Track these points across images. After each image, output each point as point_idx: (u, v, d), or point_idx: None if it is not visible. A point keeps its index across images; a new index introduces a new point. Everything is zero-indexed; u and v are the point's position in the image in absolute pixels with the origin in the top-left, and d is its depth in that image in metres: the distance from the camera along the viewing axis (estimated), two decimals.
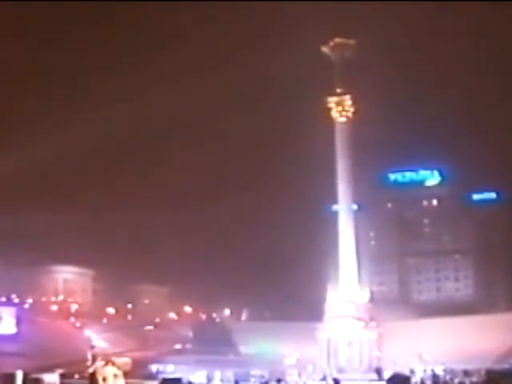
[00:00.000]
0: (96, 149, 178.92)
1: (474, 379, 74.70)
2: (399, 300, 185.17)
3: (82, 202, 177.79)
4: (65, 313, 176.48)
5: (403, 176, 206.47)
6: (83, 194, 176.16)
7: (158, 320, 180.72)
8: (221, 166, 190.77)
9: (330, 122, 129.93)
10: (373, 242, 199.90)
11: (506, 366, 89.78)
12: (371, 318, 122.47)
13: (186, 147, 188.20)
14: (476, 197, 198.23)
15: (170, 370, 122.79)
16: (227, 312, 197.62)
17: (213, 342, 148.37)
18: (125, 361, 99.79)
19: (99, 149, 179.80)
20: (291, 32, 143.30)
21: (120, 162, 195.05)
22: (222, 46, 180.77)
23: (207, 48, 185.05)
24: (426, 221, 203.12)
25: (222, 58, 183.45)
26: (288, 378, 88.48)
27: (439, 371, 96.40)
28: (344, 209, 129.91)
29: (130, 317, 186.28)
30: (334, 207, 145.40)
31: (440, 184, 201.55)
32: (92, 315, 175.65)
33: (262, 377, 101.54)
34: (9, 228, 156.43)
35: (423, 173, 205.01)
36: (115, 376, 10.78)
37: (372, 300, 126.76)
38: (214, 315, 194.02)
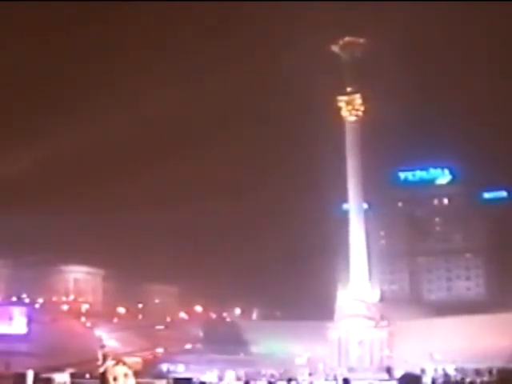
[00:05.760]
0: (106, 149, 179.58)
1: (486, 378, 74.53)
2: (410, 299, 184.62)
3: (93, 202, 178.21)
4: (75, 312, 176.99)
5: (414, 175, 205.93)
6: (93, 194, 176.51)
7: (168, 320, 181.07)
8: (232, 167, 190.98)
9: (340, 121, 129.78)
10: (383, 241, 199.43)
11: None
12: (382, 317, 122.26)
13: (197, 148, 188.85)
14: (487, 195, 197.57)
15: (180, 370, 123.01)
16: (238, 311, 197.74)
17: (223, 342, 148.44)
18: (135, 360, 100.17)
19: (110, 149, 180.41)
20: (301, 31, 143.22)
21: (130, 162, 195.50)
22: (232, 45, 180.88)
23: (217, 48, 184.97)
24: (436, 220, 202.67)
25: (232, 57, 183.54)
26: (299, 378, 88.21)
27: (450, 370, 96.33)
28: (354, 208, 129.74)
29: (140, 316, 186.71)
30: (345, 206, 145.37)
31: (451, 183, 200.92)
32: (102, 315, 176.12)
33: (273, 376, 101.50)
34: (20, 228, 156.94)
35: (434, 171, 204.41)
36: (126, 375, 10.67)
37: (383, 299, 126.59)
38: (225, 314, 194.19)
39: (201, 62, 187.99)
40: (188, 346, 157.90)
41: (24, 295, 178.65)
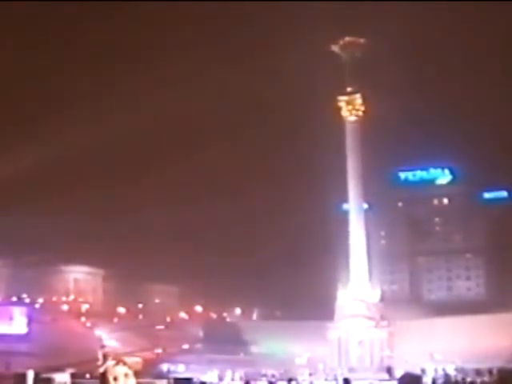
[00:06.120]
0: (106, 151, 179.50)
1: (486, 378, 74.40)
2: (410, 299, 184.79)
3: (93, 203, 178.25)
4: (75, 312, 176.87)
5: (414, 175, 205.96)
6: (94, 195, 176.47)
7: (168, 320, 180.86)
8: (232, 167, 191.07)
9: (341, 121, 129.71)
10: (383, 241, 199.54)
11: None
12: (382, 317, 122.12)
13: (198, 148, 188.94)
14: (487, 195, 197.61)
15: (181, 370, 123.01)
16: (238, 311, 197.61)
17: (224, 342, 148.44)
18: (136, 360, 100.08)
19: (110, 151, 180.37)
20: (301, 31, 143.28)
21: (130, 163, 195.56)
22: (232, 45, 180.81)
23: (217, 48, 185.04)
24: (436, 220, 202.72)
25: (232, 57, 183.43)
26: (299, 378, 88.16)
27: (450, 370, 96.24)
28: (355, 208, 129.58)
29: (140, 316, 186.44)
30: (345, 206, 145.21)
31: (451, 183, 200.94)
32: (103, 315, 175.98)
33: (273, 376, 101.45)
34: (20, 228, 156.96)
35: (434, 171, 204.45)
36: (126, 375, 10.68)
37: (383, 299, 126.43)
38: (225, 314, 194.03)
39: (201, 61, 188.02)
40: (188, 346, 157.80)
41: (24, 295, 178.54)
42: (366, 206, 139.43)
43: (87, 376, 78.09)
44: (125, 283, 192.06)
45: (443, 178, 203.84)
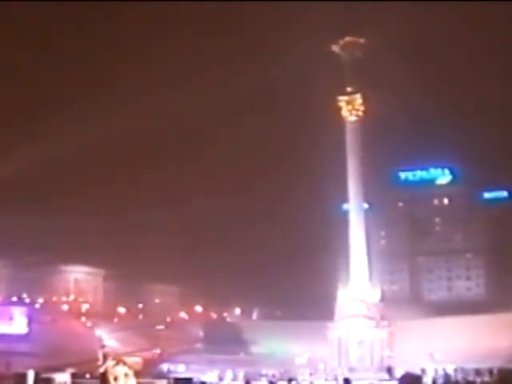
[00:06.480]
0: (106, 151, 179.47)
1: (486, 378, 74.38)
2: (410, 299, 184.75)
3: (93, 203, 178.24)
4: (76, 312, 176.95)
5: (414, 175, 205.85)
6: (94, 195, 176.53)
7: (168, 319, 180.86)
8: (232, 166, 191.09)
9: (341, 120, 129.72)
10: (384, 241, 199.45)
11: None
12: (382, 317, 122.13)
13: (198, 148, 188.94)
14: (487, 195, 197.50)
15: (181, 370, 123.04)
16: (238, 311, 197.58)
17: (224, 342, 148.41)
18: (136, 360, 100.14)
19: (110, 150, 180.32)
20: (301, 31, 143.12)
21: (130, 163, 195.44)
22: (232, 46, 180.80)
23: (217, 48, 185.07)
24: (437, 219, 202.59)
25: (232, 57, 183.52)
26: (299, 378, 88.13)
27: (450, 370, 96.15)
28: (355, 208, 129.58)
29: (140, 316, 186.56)
30: (345, 206, 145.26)
31: (451, 182, 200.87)
32: (103, 315, 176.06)
33: (274, 376, 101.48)
34: (20, 228, 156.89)
35: (434, 171, 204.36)
36: (126, 375, 10.74)
37: (383, 299, 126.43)
38: (225, 314, 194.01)
39: (201, 61, 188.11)
40: (188, 346, 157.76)
41: (24, 295, 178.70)
42: (366, 205, 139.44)
43: (87, 376, 78.07)
44: (125, 283, 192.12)
45: (443, 177, 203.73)
